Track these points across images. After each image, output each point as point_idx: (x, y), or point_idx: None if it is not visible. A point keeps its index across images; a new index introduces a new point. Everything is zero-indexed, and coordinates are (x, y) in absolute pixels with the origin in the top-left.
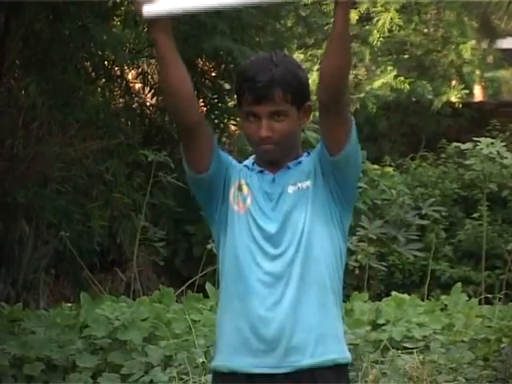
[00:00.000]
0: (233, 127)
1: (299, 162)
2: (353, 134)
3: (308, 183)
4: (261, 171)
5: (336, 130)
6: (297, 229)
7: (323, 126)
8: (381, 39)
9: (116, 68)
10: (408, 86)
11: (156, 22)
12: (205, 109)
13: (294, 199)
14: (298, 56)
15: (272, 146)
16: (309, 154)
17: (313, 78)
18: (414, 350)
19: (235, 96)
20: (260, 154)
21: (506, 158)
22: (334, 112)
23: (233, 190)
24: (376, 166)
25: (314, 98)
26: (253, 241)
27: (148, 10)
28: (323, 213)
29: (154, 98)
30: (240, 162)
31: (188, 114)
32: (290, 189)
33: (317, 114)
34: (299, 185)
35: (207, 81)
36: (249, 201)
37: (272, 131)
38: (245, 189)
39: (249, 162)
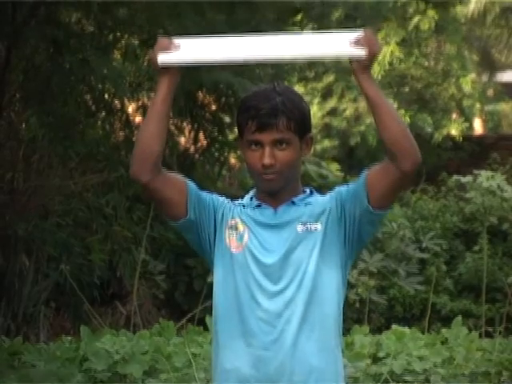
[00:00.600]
0: (233, 160)
1: (308, 203)
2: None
3: (317, 225)
4: (259, 205)
5: (395, 193)
6: (299, 268)
7: (385, 187)
8: (381, 72)
9: (116, 101)
10: (409, 119)
11: (167, 69)
12: (205, 142)
13: (301, 238)
14: (299, 89)
15: (274, 175)
16: (311, 192)
17: (313, 111)
18: None
19: (236, 127)
20: (261, 184)
21: (506, 191)
22: (410, 178)
23: (227, 231)
24: None
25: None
26: (251, 278)
27: (163, 58)
28: (331, 256)
29: None
30: (234, 198)
31: (141, 172)
32: (299, 227)
33: (317, 147)
34: (308, 225)
35: (207, 114)
36: (246, 237)
37: (275, 159)
38: (240, 227)
39: (246, 198)
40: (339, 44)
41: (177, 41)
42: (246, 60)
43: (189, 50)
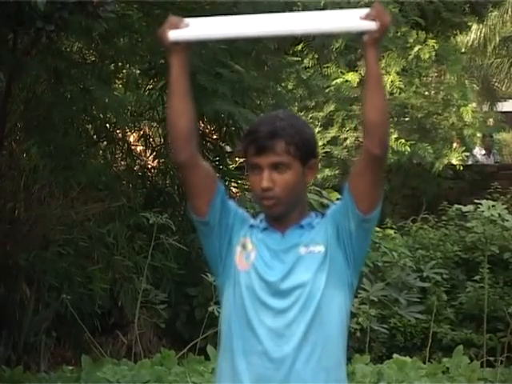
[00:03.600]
0: (234, 190)
1: (312, 226)
2: (382, 197)
3: (321, 248)
4: (267, 228)
5: (376, 187)
6: (304, 289)
7: (365, 182)
8: None
9: (117, 131)
10: (409, 149)
11: (177, 45)
12: None
13: (304, 259)
14: None
15: (273, 200)
16: (317, 215)
17: None
18: None
19: (242, 153)
20: (263, 210)
21: (507, 220)
22: (382, 166)
23: (238, 248)
24: (377, 229)
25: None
26: (256, 296)
27: (174, 34)
28: (336, 278)
29: (156, 161)
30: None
31: (176, 150)
32: (302, 250)
33: (318, 176)
34: (311, 248)
35: (208, 143)
36: (252, 256)
37: (273, 182)
38: (249, 246)
39: (258, 219)
40: (350, 18)
41: (186, 19)
42: (257, 35)
43: (199, 27)
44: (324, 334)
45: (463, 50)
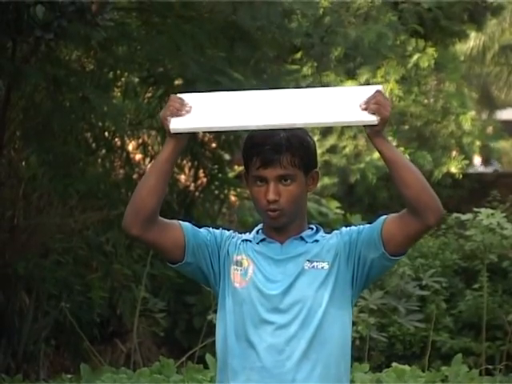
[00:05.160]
0: (233, 198)
1: (316, 240)
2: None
3: (324, 264)
4: (265, 239)
5: (414, 242)
6: (305, 305)
7: (404, 236)
8: None
9: (116, 139)
10: (408, 157)
11: (177, 134)
12: (205, 180)
13: (306, 274)
14: None
15: (279, 212)
16: (317, 229)
17: None
18: None
19: (242, 163)
20: (267, 220)
21: (506, 228)
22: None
23: (232, 267)
24: None
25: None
26: (256, 312)
27: (175, 125)
28: (338, 296)
29: None
30: (241, 232)
31: (131, 223)
32: (306, 264)
33: (317, 184)
34: (315, 263)
35: (207, 151)
36: (250, 272)
37: (279, 195)
38: (245, 262)
39: (253, 232)
40: (351, 110)
41: (188, 100)
42: (257, 127)
43: (200, 114)
44: (325, 352)
45: (462, 59)
